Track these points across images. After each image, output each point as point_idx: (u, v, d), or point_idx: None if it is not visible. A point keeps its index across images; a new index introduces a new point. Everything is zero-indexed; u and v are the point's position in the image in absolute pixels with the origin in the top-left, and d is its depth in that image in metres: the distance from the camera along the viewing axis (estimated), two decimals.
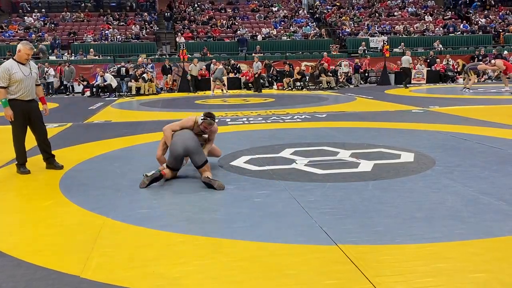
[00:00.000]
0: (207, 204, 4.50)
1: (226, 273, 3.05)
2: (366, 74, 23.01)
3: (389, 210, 4.16)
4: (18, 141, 6.02)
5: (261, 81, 20.71)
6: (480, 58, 23.36)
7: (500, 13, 31.26)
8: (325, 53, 22.36)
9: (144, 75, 19.58)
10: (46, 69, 20.23)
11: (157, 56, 24.46)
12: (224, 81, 20.00)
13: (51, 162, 6.23)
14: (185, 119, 5.60)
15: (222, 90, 19.62)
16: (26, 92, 5.89)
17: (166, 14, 28.93)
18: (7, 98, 5.79)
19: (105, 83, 19.30)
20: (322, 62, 20.89)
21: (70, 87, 20.60)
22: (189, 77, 20.27)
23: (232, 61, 22.48)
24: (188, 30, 27.25)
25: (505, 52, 23.78)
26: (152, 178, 5.12)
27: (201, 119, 5.42)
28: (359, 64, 22.83)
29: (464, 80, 18.55)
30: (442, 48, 25.89)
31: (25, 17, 28.02)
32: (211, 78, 19.94)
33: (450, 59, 22.85)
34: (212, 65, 21.14)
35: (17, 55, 5.88)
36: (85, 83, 20.62)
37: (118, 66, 20.92)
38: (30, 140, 8.35)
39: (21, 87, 5.85)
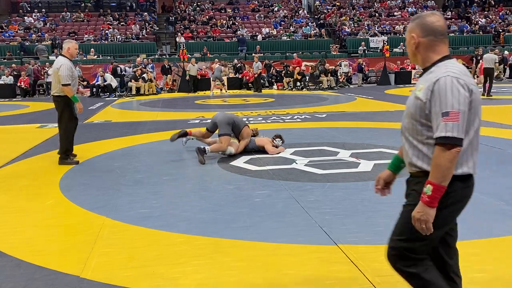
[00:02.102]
0: (207, 204, 4.50)
1: (226, 273, 3.05)
2: (364, 73, 22.99)
3: (389, 210, 4.16)
4: (70, 133, 6.41)
5: (261, 81, 20.71)
6: (479, 58, 23.38)
7: (500, 13, 31.27)
8: (295, 54, 22.10)
9: (144, 75, 19.57)
10: (46, 69, 20.18)
11: (157, 56, 24.46)
12: (224, 81, 19.99)
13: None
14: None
15: (221, 90, 19.59)
16: (75, 87, 6.33)
17: (170, 18, 28.90)
18: (75, 93, 6.27)
19: (105, 83, 19.30)
20: (285, 63, 20.76)
21: None
22: (187, 77, 20.27)
23: (235, 61, 22.45)
24: (188, 30, 27.26)
25: (505, 52, 23.77)
26: (180, 134, 6.45)
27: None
28: (361, 64, 22.85)
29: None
30: None
31: (25, 17, 28.01)
32: (211, 78, 19.94)
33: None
34: (240, 65, 20.72)
35: (68, 53, 6.18)
36: (85, 83, 20.61)
37: (115, 66, 20.90)
38: (31, 140, 8.37)
39: (74, 82, 6.28)
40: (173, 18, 28.87)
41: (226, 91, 19.58)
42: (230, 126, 6.56)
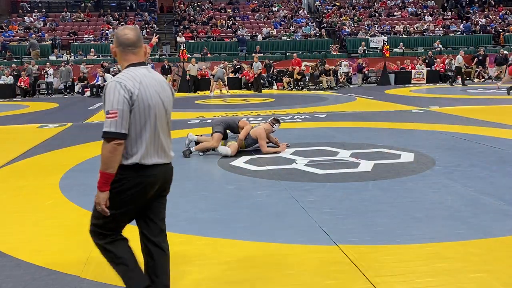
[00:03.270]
0: (207, 204, 4.50)
1: (226, 273, 3.05)
2: (364, 73, 22.99)
3: (389, 210, 4.16)
4: None
5: (261, 81, 20.70)
6: (480, 58, 23.35)
7: (500, 13, 31.26)
8: (294, 54, 22.00)
9: None
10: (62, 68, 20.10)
11: (157, 56, 24.45)
12: (225, 81, 20.00)
13: None
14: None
15: (220, 90, 19.57)
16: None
17: (174, 22, 28.84)
18: None
19: (105, 83, 19.31)
20: (270, 65, 20.53)
21: (69, 87, 20.53)
22: (188, 77, 20.27)
23: (235, 61, 22.44)
24: (188, 30, 27.25)
25: (505, 52, 23.75)
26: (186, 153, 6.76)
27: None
28: (361, 64, 22.85)
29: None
30: (442, 48, 25.89)
31: (25, 17, 28.00)
32: (213, 78, 19.93)
33: (452, 59, 22.82)
34: (254, 63, 20.55)
35: None
36: (85, 82, 20.60)
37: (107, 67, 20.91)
38: (31, 140, 8.36)
39: None
40: (176, 22, 28.83)
41: (227, 91, 19.54)
42: (222, 125, 6.80)
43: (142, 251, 2.60)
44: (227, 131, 6.91)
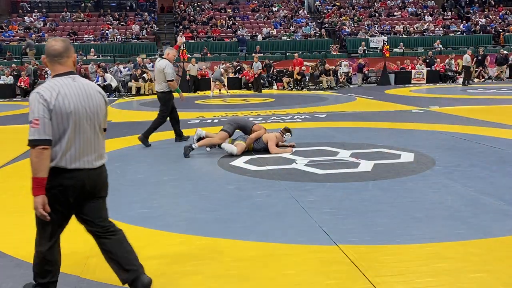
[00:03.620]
0: (207, 204, 4.50)
1: (225, 273, 3.05)
2: (364, 73, 23.00)
3: (389, 210, 4.16)
4: (164, 120, 7.73)
5: (261, 81, 20.72)
6: (480, 58, 23.35)
7: (500, 13, 31.26)
8: (296, 54, 21.96)
9: (144, 75, 19.57)
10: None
11: (157, 56, 24.46)
12: (224, 81, 19.98)
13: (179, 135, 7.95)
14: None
15: (220, 90, 19.54)
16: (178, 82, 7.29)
17: (176, 24, 28.83)
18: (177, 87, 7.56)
19: (105, 83, 19.30)
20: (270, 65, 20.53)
21: None
22: (188, 77, 20.27)
23: (235, 63, 22.45)
24: (188, 30, 27.25)
25: (505, 52, 23.75)
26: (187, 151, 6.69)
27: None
28: (362, 63, 22.86)
29: None
30: (442, 48, 25.89)
31: (25, 17, 28.01)
32: (211, 79, 19.93)
33: (452, 59, 22.82)
34: (254, 63, 20.58)
35: (169, 57, 7.50)
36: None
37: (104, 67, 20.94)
38: None
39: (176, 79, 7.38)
40: (178, 24, 28.83)
41: (226, 92, 19.53)
42: (232, 126, 6.83)
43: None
44: (238, 130, 6.95)
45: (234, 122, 6.99)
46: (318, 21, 30.08)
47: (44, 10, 29.04)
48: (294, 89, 20.28)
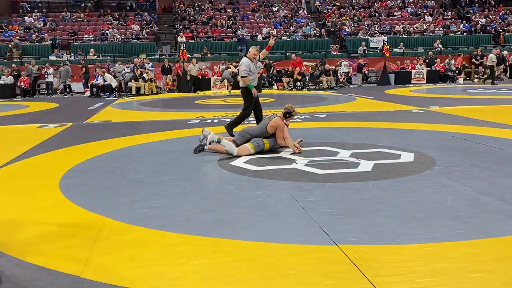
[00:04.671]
0: (207, 204, 4.50)
1: (225, 273, 3.05)
2: (364, 73, 23.00)
3: (389, 210, 4.16)
4: (249, 113, 8.11)
5: (261, 81, 20.74)
6: (478, 58, 23.35)
7: (500, 13, 31.26)
8: (293, 55, 21.97)
9: (144, 75, 19.57)
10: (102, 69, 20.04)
11: (157, 56, 24.46)
12: (231, 81, 20.17)
13: None
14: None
15: (228, 89, 19.72)
16: (255, 80, 8.03)
17: (176, 25, 28.82)
18: (251, 82, 7.91)
19: (105, 83, 19.31)
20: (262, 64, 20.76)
21: (68, 87, 20.50)
22: (188, 77, 20.28)
23: (235, 63, 22.45)
24: (188, 30, 27.25)
25: (505, 52, 23.75)
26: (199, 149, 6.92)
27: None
28: (362, 63, 22.86)
29: None
30: (442, 48, 25.90)
31: (25, 17, 28.00)
32: (219, 78, 20.19)
33: (452, 59, 22.82)
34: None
35: (249, 55, 7.99)
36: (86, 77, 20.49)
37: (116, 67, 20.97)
38: (31, 140, 8.37)
39: (253, 77, 7.98)
40: (176, 22, 28.81)
41: (228, 92, 19.57)
42: (244, 137, 6.80)
43: None
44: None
45: (247, 133, 6.90)
46: (320, 23, 30.05)
47: (44, 10, 29.04)
48: (294, 89, 20.28)
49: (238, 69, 7.87)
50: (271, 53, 25.13)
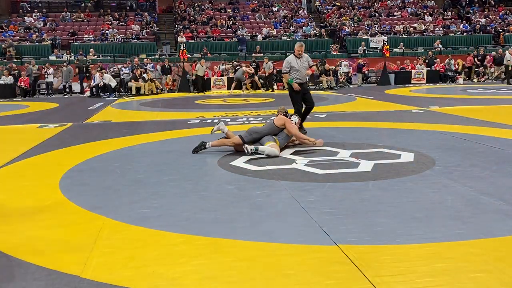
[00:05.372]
0: (207, 204, 4.50)
1: (225, 273, 3.05)
2: (364, 73, 23.00)
3: (389, 210, 4.16)
4: (298, 105, 8.33)
5: (261, 81, 20.81)
6: (479, 58, 23.34)
7: (500, 13, 31.26)
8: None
9: (145, 75, 19.58)
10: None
11: (157, 56, 24.46)
12: (245, 80, 20.55)
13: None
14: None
15: (243, 88, 20.25)
16: (299, 77, 8.15)
17: (176, 26, 28.84)
18: (292, 78, 8.18)
19: (104, 82, 19.30)
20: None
21: (69, 87, 20.50)
22: (194, 77, 20.35)
23: (235, 62, 22.46)
24: (188, 30, 27.25)
25: (505, 52, 23.73)
26: (199, 147, 6.86)
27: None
28: (362, 63, 22.87)
29: None
30: (442, 48, 25.90)
31: (25, 17, 28.00)
32: (234, 78, 20.57)
33: (452, 59, 22.82)
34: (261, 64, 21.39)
35: (295, 52, 8.18)
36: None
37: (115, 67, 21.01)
38: (31, 140, 8.37)
39: (297, 73, 8.14)
40: (176, 22, 28.81)
41: (242, 91, 20.01)
42: (251, 136, 6.71)
43: None
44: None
45: (255, 132, 6.77)
46: (321, 24, 30.04)
47: (44, 10, 29.04)
48: None
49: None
50: (271, 53, 25.17)
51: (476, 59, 23.23)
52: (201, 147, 6.79)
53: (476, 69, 23.23)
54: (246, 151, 6.39)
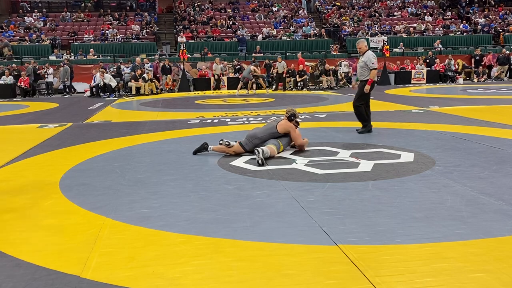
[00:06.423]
0: (207, 204, 4.50)
1: (225, 273, 3.05)
2: None
3: (389, 210, 4.16)
4: (362, 107, 8.40)
5: (263, 80, 20.79)
6: (477, 58, 23.35)
7: (500, 13, 31.26)
8: (299, 54, 22.14)
9: (145, 75, 19.58)
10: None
11: (157, 56, 24.46)
12: (252, 79, 19.93)
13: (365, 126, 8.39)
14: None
15: (248, 88, 19.18)
16: (358, 74, 8.46)
17: (176, 26, 28.85)
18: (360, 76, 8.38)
19: (105, 82, 19.30)
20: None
21: (67, 87, 20.49)
22: (216, 76, 20.57)
23: (235, 62, 22.46)
24: (188, 30, 27.25)
25: (507, 52, 23.74)
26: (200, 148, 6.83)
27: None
28: None
29: None
30: (442, 48, 25.90)
31: (25, 17, 28.01)
32: (240, 78, 20.32)
33: (452, 59, 22.82)
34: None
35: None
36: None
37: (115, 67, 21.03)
38: (31, 140, 8.37)
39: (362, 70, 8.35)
40: (176, 22, 28.81)
41: (248, 91, 19.22)
42: (252, 143, 6.57)
43: None
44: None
45: (255, 138, 6.60)
46: (323, 26, 30.03)
47: (44, 10, 29.05)
48: (294, 89, 20.27)
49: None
50: (271, 53, 25.17)
51: (473, 60, 23.25)
52: (202, 149, 6.77)
53: (475, 69, 23.23)
54: (258, 164, 6.03)
